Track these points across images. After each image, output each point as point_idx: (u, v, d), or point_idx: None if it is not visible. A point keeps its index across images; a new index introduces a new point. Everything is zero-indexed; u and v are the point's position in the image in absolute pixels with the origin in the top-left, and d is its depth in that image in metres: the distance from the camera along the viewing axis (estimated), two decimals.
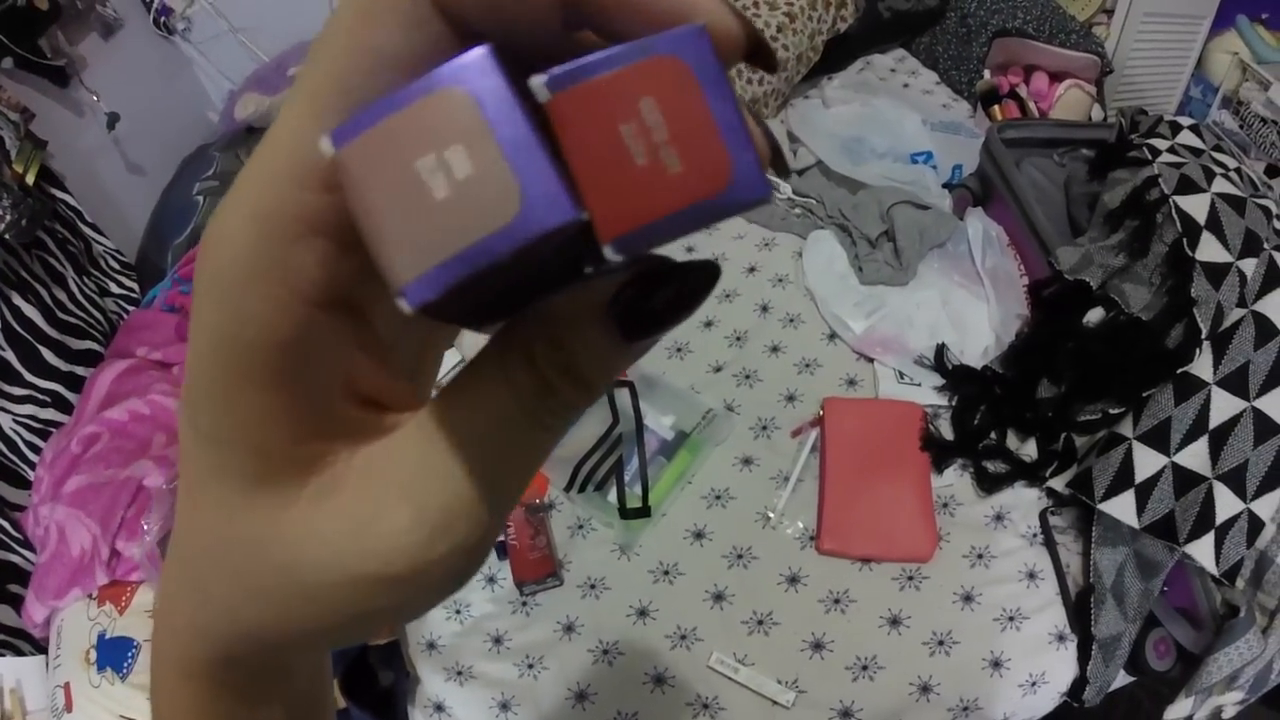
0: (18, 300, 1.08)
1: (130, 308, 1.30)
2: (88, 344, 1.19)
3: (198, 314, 0.13)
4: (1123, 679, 0.88)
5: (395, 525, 0.13)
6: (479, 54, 0.10)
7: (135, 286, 1.34)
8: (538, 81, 0.10)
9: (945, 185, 1.27)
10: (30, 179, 1.09)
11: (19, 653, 0.96)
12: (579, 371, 0.13)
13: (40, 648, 0.97)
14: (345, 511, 0.14)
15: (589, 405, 0.14)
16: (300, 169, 0.12)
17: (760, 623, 0.89)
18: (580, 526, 0.96)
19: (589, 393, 0.13)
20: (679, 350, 1.11)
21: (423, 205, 0.10)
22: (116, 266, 1.33)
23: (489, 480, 0.13)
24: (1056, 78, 1.38)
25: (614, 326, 0.13)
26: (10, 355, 1.07)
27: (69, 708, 0.87)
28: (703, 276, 0.13)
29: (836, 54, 1.46)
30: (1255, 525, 0.85)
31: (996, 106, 1.37)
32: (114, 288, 1.31)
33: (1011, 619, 0.89)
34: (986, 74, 1.41)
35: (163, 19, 1.49)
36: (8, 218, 1.02)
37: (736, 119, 0.11)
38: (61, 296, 1.17)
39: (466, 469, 0.13)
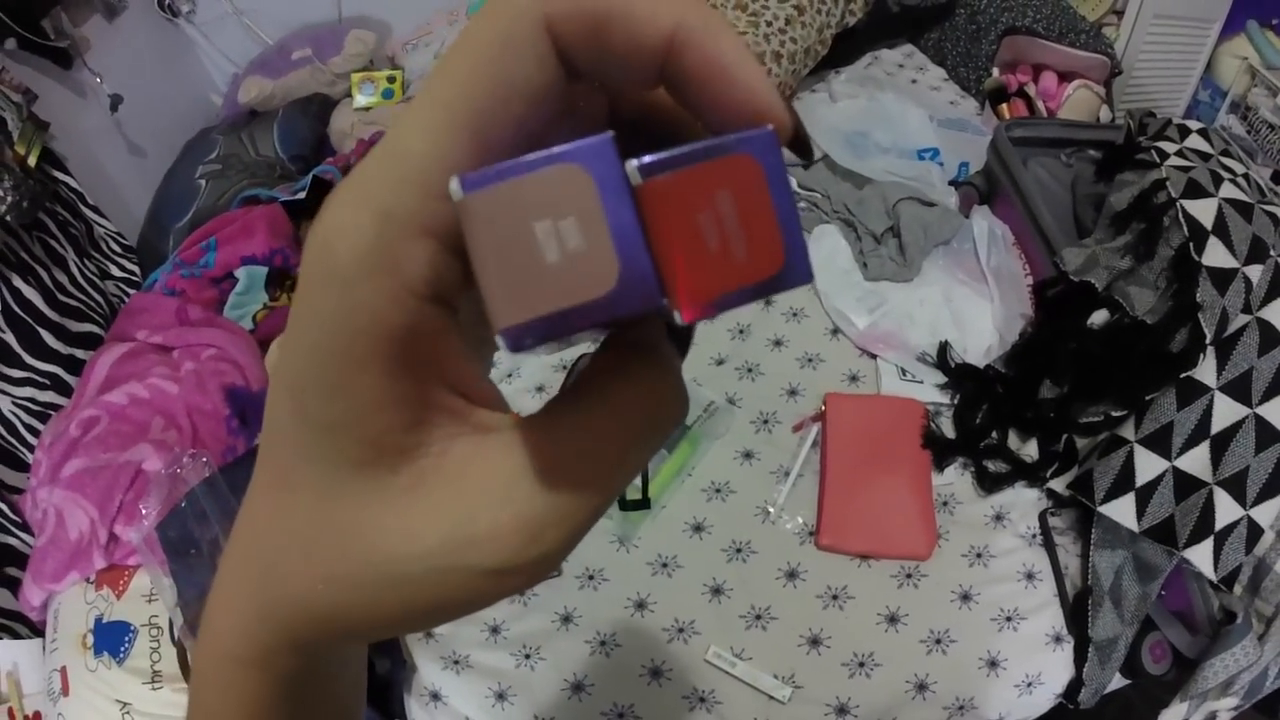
0: (18, 282, 1.08)
1: (131, 291, 1.30)
2: (88, 327, 1.19)
3: (309, 301, 0.14)
4: (1118, 682, 0.88)
5: (494, 528, 0.14)
6: (603, 139, 0.12)
7: (136, 269, 1.34)
8: (632, 166, 0.12)
9: (951, 182, 1.27)
10: (32, 161, 1.08)
11: (16, 636, 0.96)
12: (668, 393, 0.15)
13: (37, 631, 0.97)
14: (442, 507, 0.14)
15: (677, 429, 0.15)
16: (428, 179, 0.13)
17: (758, 617, 0.89)
18: None
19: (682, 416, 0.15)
20: None
21: (534, 262, 0.12)
22: (117, 249, 1.32)
23: (581, 498, 0.14)
24: (1065, 77, 1.37)
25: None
26: (10, 337, 1.06)
27: (65, 691, 0.87)
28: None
29: (844, 48, 1.45)
30: (1254, 532, 0.85)
31: (1004, 105, 1.36)
32: (115, 270, 1.31)
33: (1009, 619, 0.89)
34: (995, 72, 1.41)
35: (167, 1, 1.48)
36: (9, 199, 1.01)
37: (793, 214, 0.12)
38: (62, 279, 1.17)
39: (564, 484, 0.14)
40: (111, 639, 0.89)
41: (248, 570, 0.16)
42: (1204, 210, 0.95)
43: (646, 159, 0.12)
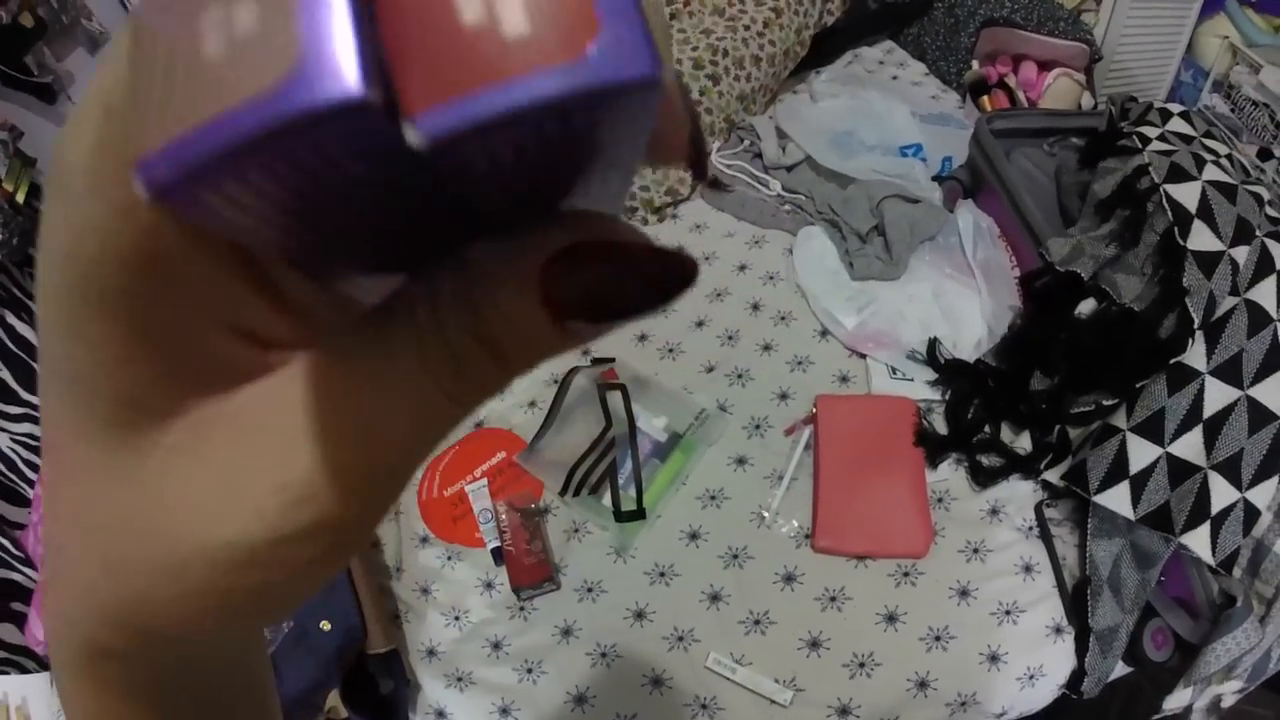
0: (11, 319, 1.09)
1: None
2: None
3: (45, 227, 0.11)
4: (1121, 670, 0.88)
5: (259, 484, 0.11)
6: None
7: None
8: None
9: (935, 178, 1.27)
10: (20, 197, 1.09)
11: (23, 670, 0.97)
12: (495, 346, 0.11)
13: (44, 665, 0.98)
14: (212, 466, 0.12)
15: (503, 388, 0.11)
16: None
17: (757, 622, 0.89)
18: (576, 530, 0.97)
19: (503, 374, 0.11)
20: (670, 351, 1.11)
21: (189, 65, 0.08)
22: None
23: (369, 453, 0.11)
24: (1045, 66, 1.37)
25: (542, 302, 0.10)
26: (5, 374, 1.07)
27: None
28: (673, 269, 0.11)
29: (824, 48, 1.46)
30: (1251, 514, 0.85)
31: (985, 97, 1.36)
32: None
33: (1008, 613, 0.89)
34: (975, 64, 1.41)
35: None
36: None
37: None
38: None
39: (343, 435, 0.11)
40: None
41: (51, 567, 0.14)
42: (1188, 194, 0.94)
43: None
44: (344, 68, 0.07)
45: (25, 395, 1.10)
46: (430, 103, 0.08)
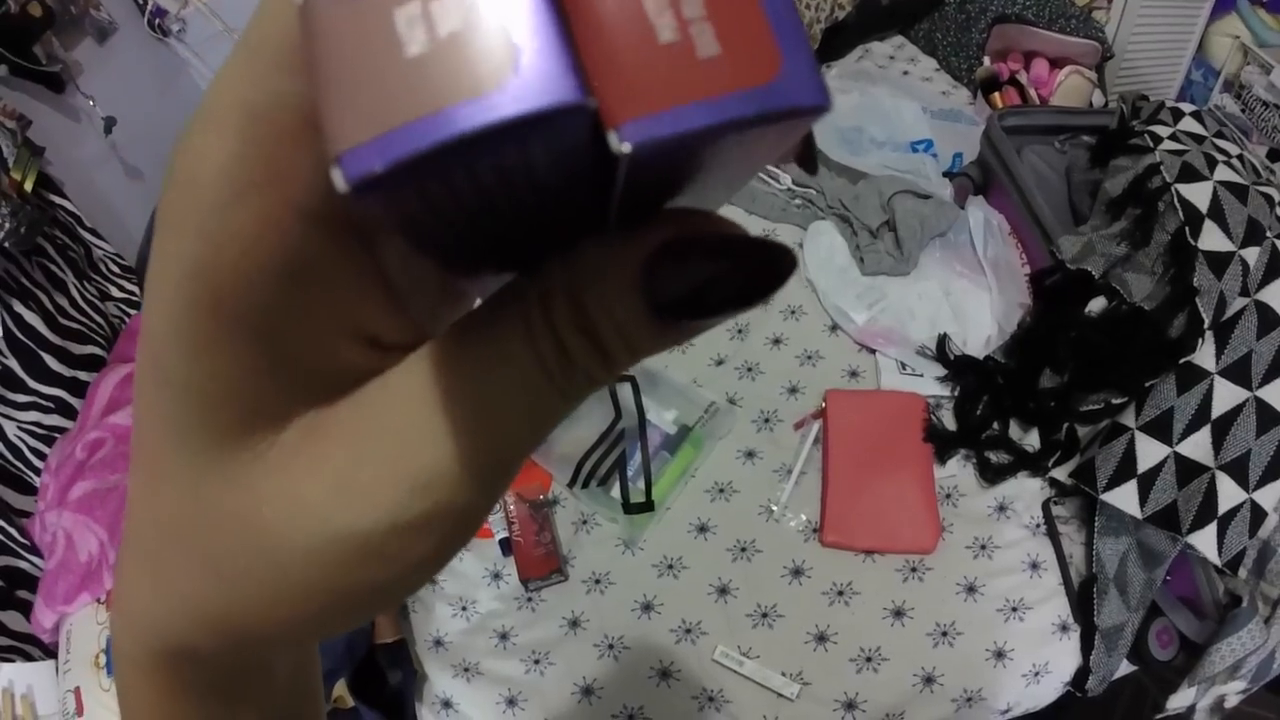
0: (19, 307, 1.09)
1: (132, 311, 1.31)
2: (90, 349, 1.19)
3: (163, 245, 0.11)
4: (1126, 668, 0.89)
5: (378, 475, 0.11)
6: None
7: (136, 290, 1.34)
8: None
9: (945, 174, 1.26)
10: (28, 186, 1.09)
11: (29, 658, 0.97)
12: (600, 342, 0.11)
13: (50, 653, 0.98)
14: (326, 459, 0.12)
15: (607, 382, 0.12)
16: (290, 48, 0.10)
17: (764, 615, 0.89)
18: (584, 522, 0.97)
19: (607, 369, 0.11)
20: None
21: (389, 63, 0.08)
22: (117, 271, 1.33)
23: (485, 442, 0.12)
24: (1057, 64, 1.37)
25: (646, 299, 0.10)
26: (13, 363, 1.07)
27: (80, 712, 0.88)
28: (773, 261, 0.11)
29: (834, 43, 1.45)
30: (1258, 515, 0.85)
31: (996, 93, 1.36)
32: (115, 292, 1.31)
33: (1015, 609, 0.89)
34: (986, 61, 1.40)
35: (157, 21, 1.48)
36: (7, 226, 1.02)
37: (789, 9, 0.09)
38: (63, 302, 1.17)
39: (461, 425, 0.11)
40: None
41: (135, 571, 0.14)
42: (1199, 194, 0.94)
43: None
44: (564, 74, 0.08)
45: (32, 384, 1.10)
46: (633, 114, 0.08)
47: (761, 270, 0.11)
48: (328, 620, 0.13)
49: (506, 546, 0.94)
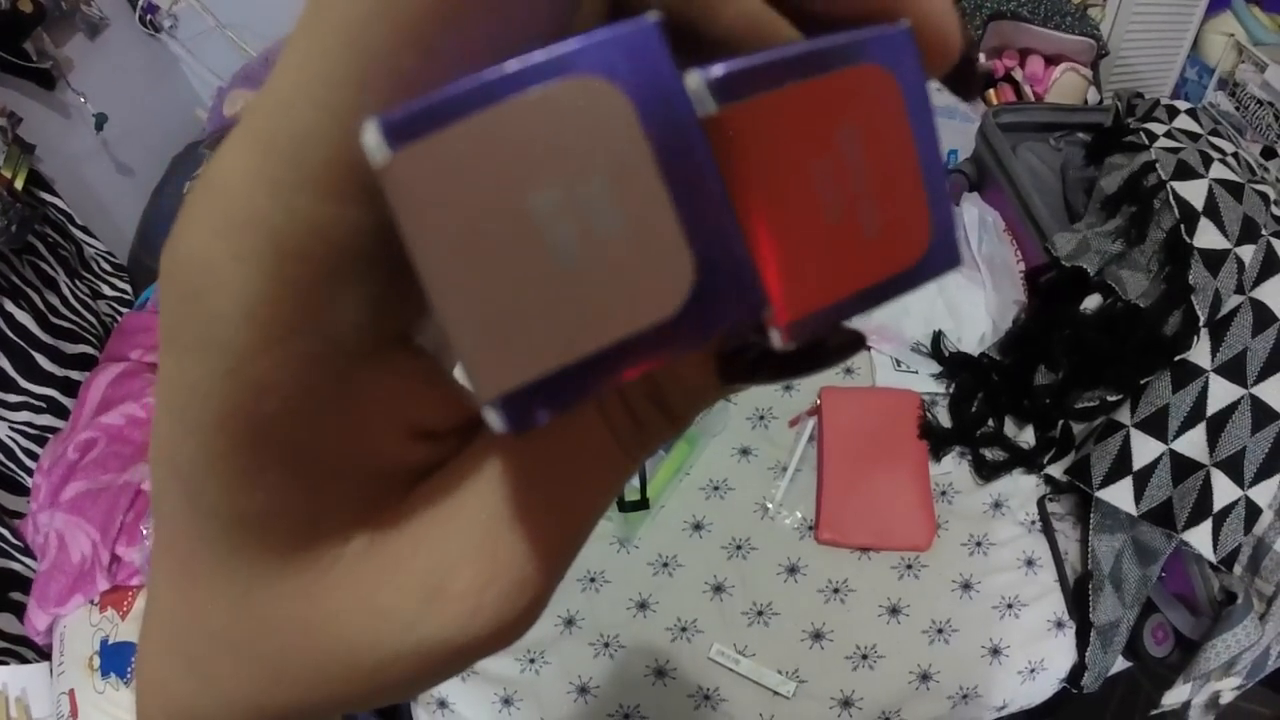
0: (10, 306, 1.08)
1: (123, 310, 1.30)
2: (82, 348, 1.19)
3: (183, 371, 0.09)
4: (1121, 665, 0.89)
5: (471, 582, 0.11)
6: (643, 25, 0.07)
7: (128, 289, 1.34)
8: (697, 80, 0.07)
9: None
10: (19, 184, 1.08)
11: (23, 660, 0.96)
12: (669, 408, 0.12)
13: (44, 655, 0.97)
14: (403, 571, 0.11)
15: (672, 439, 0.13)
16: (329, 168, 0.08)
17: (760, 613, 0.89)
18: None
19: (675, 430, 0.12)
20: None
21: (536, 269, 0.07)
22: (109, 269, 1.32)
23: (566, 521, 0.12)
24: (1052, 61, 1.37)
25: (712, 363, 0.11)
26: (4, 362, 1.06)
27: (74, 714, 0.88)
28: (840, 348, 0.11)
29: None
30: (1253, 512, 0.85)
31: (991, 90, 1.35)
32: (107, 290, 1.31)
33: (1010, 606, 0.89)
34: (981, 58, 1.40)
35: (149, 17, 1.47)
36: None
37: (937, 159, 0.08)
38: (54, 301, 1.17)
39: (543, 512, 0.11)
40: (118, 660, 0.89)
41: (174, 669, 0.13)
42: (1194, 191, 0.94)
43: (720, 67, 0.07)
44: (752, 283, 0.08)
45: (24, 384, 1.09)
46: (802, 312, 0.08)
47: (822, 351, 0.11)
48: (405, 694, 0.13)
49: None
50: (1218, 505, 0.85)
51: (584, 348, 0.07)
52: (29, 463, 1.07)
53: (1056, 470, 0.96)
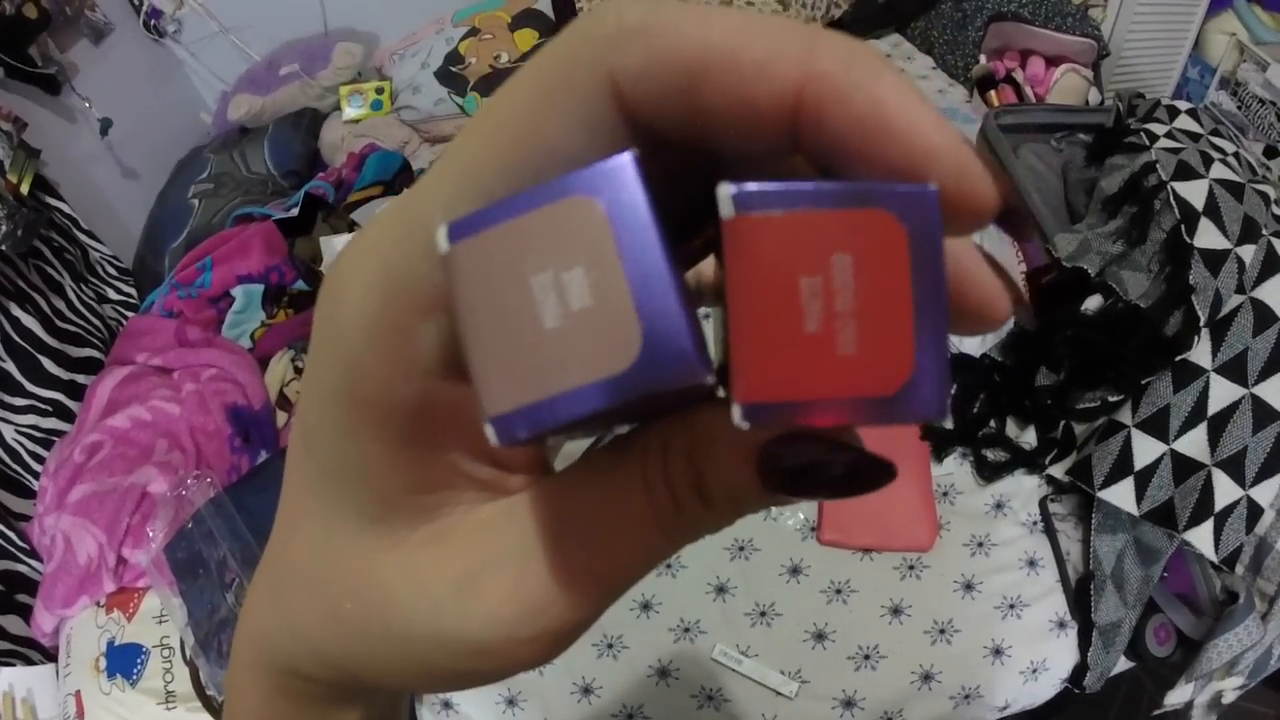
0: (16, 311, 1.09)
1: (129, 314, 1.31)
2: (88, 351, 1.19)
3: (318, 352, 0.13)
4: (1123, 665, 0.89)
5: (496, 590, 0.13)
6: (622, 161, 0.09)
7: (133, 292, 1.34)
8: (727, 193, 0.09)
9: None
10: (25, 189, 1.09)
11: (29, 662, 0.97)
12: (710, 501, 0.12)
13: (50, 656, 0.98)
14: (450, 564, 0.13)
15: (713, 530, 0.13)
16: (433, 246, 0.11)
17: (763, 614, 0.90)
18: None
19: (713, 523, 0.13)
20: None
21: (530, 329, 0.09)
22: (114, 273, 1.33)
23: (595, 573, 0.13)
24: (1053, 62, 1.37)
25: (755, 469, 0.12)
26: (10, 366, 1.07)
27: (80, 715, 0.88)
28: (874, 476, 0.12)
29: None
30: (1254, 512, 0.85)
31: (992, 92, 1.36)
32: (112, 294, 1.31)
33: (1012, 607, 0.89)
34: (982, 59, 1.40)
35: (153, 22, 1.48)
36: (3, 228, 1.02)
37: (939, 314, 0.09)
38: (60, 305, 1.17)
39: (577, 561, 0.13)
40: (124, 661, 0.90)
41: (264, 596, 0.17)
42: (1195, 192, 0.95)
43: (749, 186, 0.09)
44: (689, 355, 0.09)
45: (30, 387, 1.10)
46: (761, 396, 0.09)
47: (859, 474, 0.12)
48: (426, 685, 0.15)
49: None
50: (1219, 505, 0.85)
51: (554, 389, 0.09)
52: (35, 466, 1.08)
53: (1058, 471, 0.96)
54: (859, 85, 0.09)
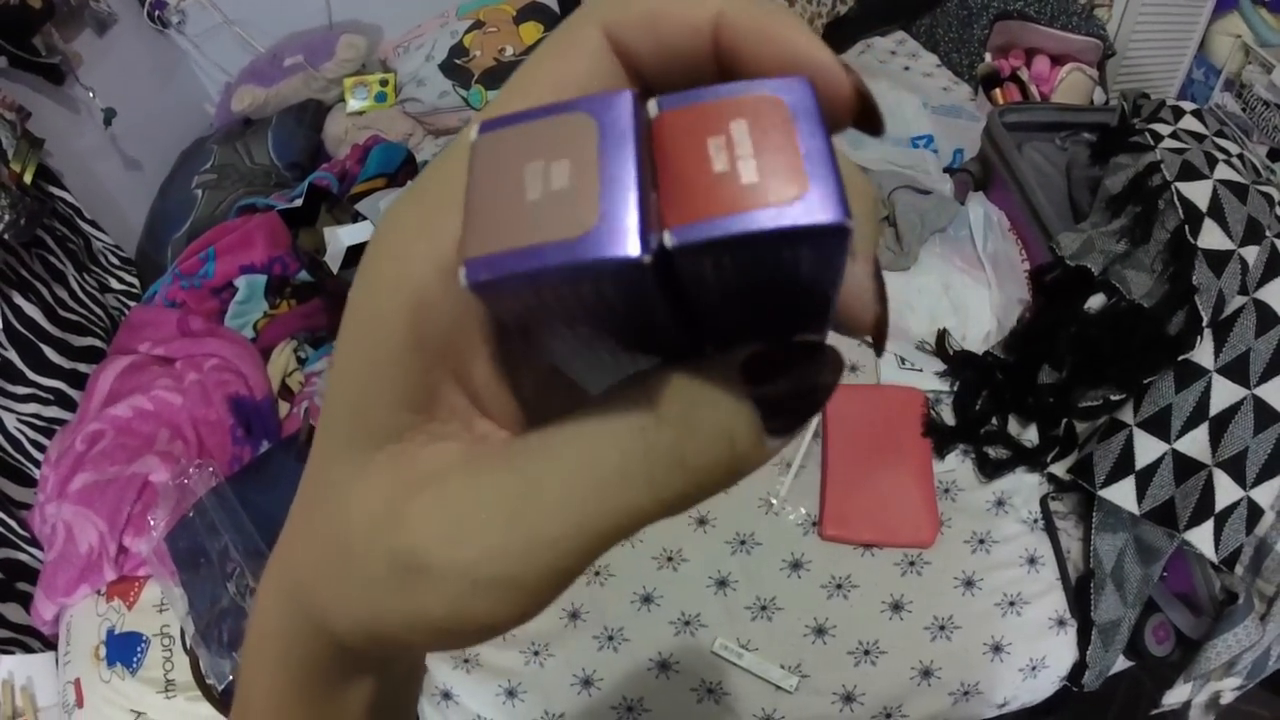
0: (18, 299, 1.09)
1: (131, 303, 1.31)
2: (89, 341, 1.19)
3: (358, 273, 0.14)
4: (1122, 664, 0.89)
5: (487, 523, 0.13)
6: (624, 94, 0.11)
7: (135, 282, 1.34)
8: (651, 103, 0.11)
9: (946, 169, 1.27)
10: (28, 178, 1.09)
11: (29, 650, 0.97)
12: (695, 424, 0.12)
13: (50, 644, 0.98)
14: (449, 501, 0.14)
15: (698, 498, 0.13)
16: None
17: (763, 608, 0.90)
18: None
19: (699, 457, 0.13)
20: None
21: (514, 200, 0.11)
22: (116, 262, 1.33)
23: (581, 519, 0.13)
24: (1058, 60, 1.37)
25: (739, 377, 0.12)
26: (12, 354, 1.07)
27: (79, 703, 0.88)
28: (831, 361, 0.13)
29: (836, 37, 1.45)
30: (1254, 513, 0.86)
31: (998, 90, 1.36)
32: (114, 284, 1.31)
33: (1012, 604, 0.90)
34: (987, 57, 1.40)
35: (157, 13, 1.48)
36: (6, 217, 1.01)
37: (824, 151, 0.11)
38: (62, 294, 1.17)
39: (563, 498, 0.13)
40: (124, 650, 0.90)
41: (278, 551, 0.17)
42: (1199, 192, 0.95)
43: (668, 95, 0.11)
44: (629, 237, 0.10)
45: (32, 376, 1.10)
46: (684, 220, 0.11)
47: (828, 361, 0.13)
48: (439, 638, 0.14)
49: None
50: (1220, 505, 0.86)
51: (520, 242, 0.11)
52: (36, 454, 1.08)
53: (1059, 469, 0.96)
54: (752, 6, 0.12)
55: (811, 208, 0.10)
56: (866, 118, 0.13)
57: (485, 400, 0.15)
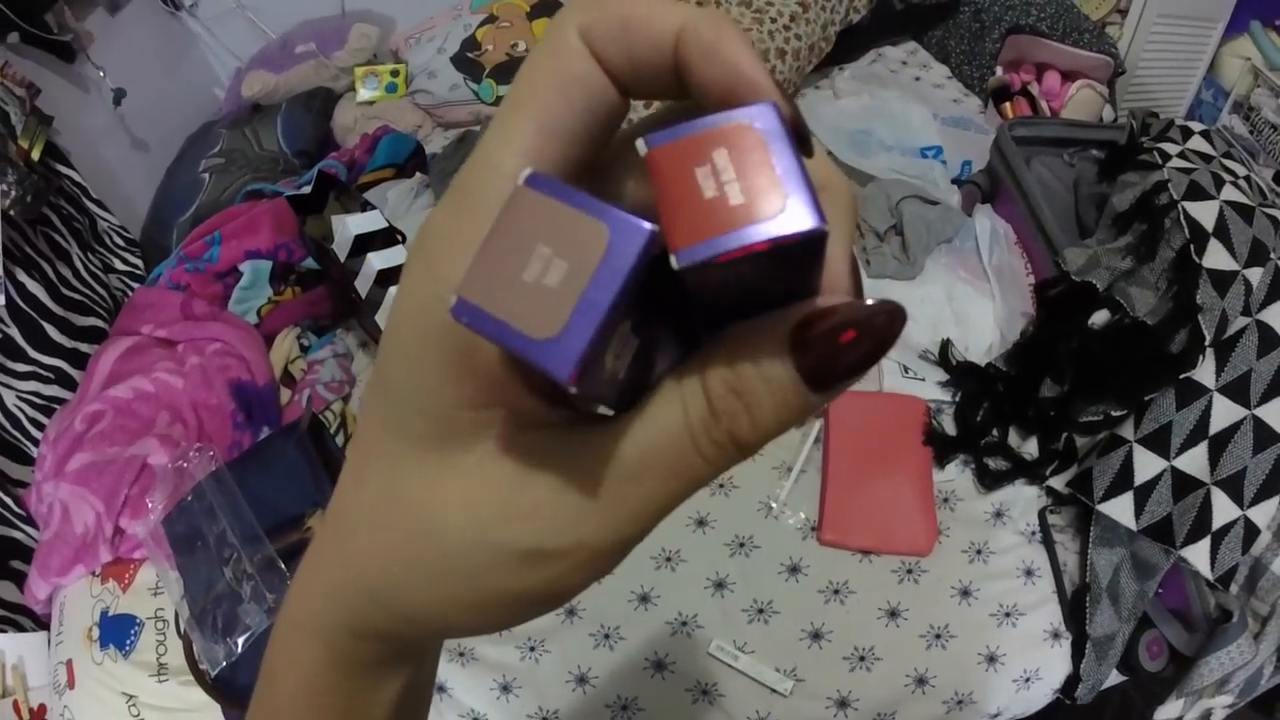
0: (22, 276, 1.08)
1: (134, 285, 1.30)
2: (92, 320, 1.19)
3: (403, 278, 0.15)
4: (1115, 678, 0.89)
5: (535, 504, 0.14)
6: (643, 228, 0.12)
7: (140, 263, 1.34)
8: (640, 141, 0.13)
9: (954, 181, 1.27)
10: (35, 155, 1.08)
11: (21, 629, 0.97)
12: (750, 401, 0.13)
13: (42, 624, 0.98)
14: (498, 481, 0.14)
15: (747, 453, 0.14)
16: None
17: (760, 611, 0.90)
18: None
19: (753, 433, 0.13)
20: None
21: (515, 269, 0.12)
22: (121, 243, 1.32)
23: (630, 491, 0.14)
24: (1068, 77, 1.38)
25: (786, 348, 0.13)
26: (14, 331, 1.06)
27: (71, 684, 0.88)
28: (892, 318, 0.13)
29: (848, 45, 1.46)
30: (1251, 532, 0.86)
31: (1007, 103, 1.36)
32: (118, 264, 1.31)
33: (1008, 615, 0.90)
34: (998, 70, 1.41)
35: None
36: (13, 194, 1.01)
37: (796, 168, 0.12)
38: (66, 273, 1.17)
39: (611, 472, 0.14)
40: (117, 632, 0.89)
41: (325, 546, 0.17)
42: (1205, 212, 0.95)
43: (653, 133, 0.13)
44: (570, 366, 0.12)
45: (33, 354, 1.09)
46: (686, 244, 0.12)
47: (882, 330, 0.13)
48: (478, 614, 0.16)
49: None
50: (1217, 524, 0.86)
51: (499, 312, 0.12)
52: (35, 432, 1.07)
53: (1058, 482, 0.96)
54: (710, 27, 0.13)
55: (793, 219, 0.12)
56: (799, 141, 0.14)
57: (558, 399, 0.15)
